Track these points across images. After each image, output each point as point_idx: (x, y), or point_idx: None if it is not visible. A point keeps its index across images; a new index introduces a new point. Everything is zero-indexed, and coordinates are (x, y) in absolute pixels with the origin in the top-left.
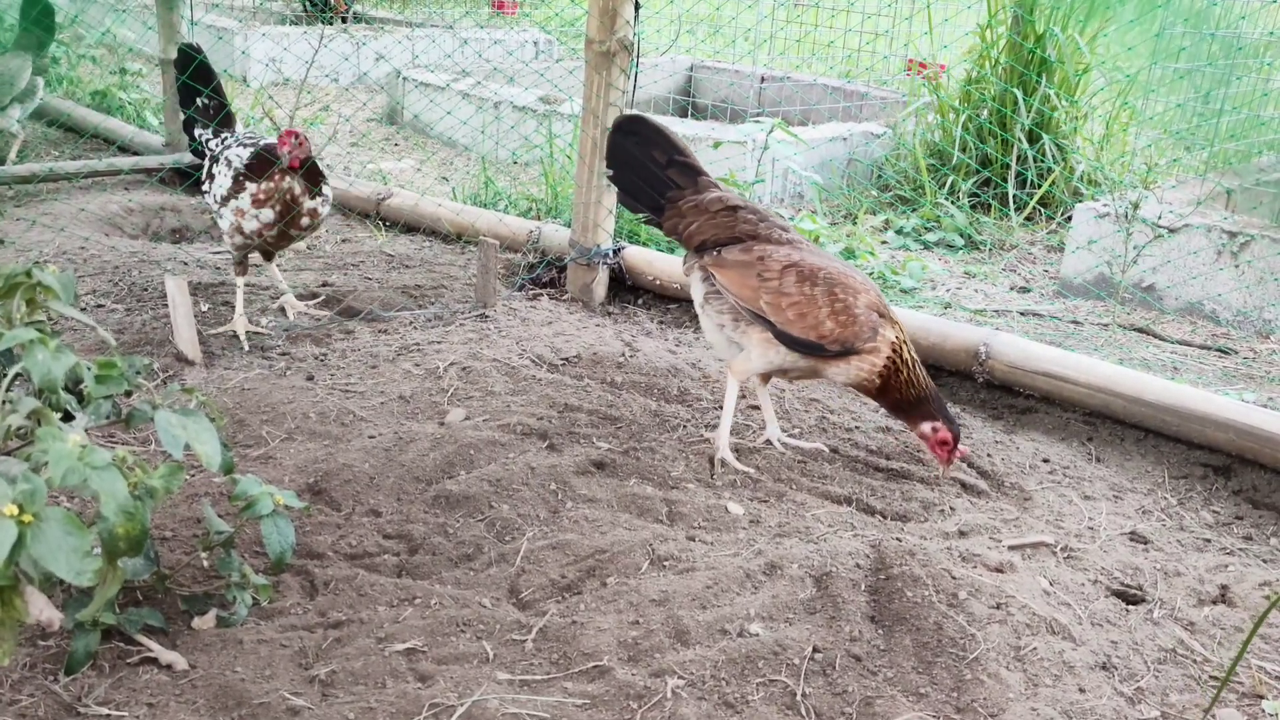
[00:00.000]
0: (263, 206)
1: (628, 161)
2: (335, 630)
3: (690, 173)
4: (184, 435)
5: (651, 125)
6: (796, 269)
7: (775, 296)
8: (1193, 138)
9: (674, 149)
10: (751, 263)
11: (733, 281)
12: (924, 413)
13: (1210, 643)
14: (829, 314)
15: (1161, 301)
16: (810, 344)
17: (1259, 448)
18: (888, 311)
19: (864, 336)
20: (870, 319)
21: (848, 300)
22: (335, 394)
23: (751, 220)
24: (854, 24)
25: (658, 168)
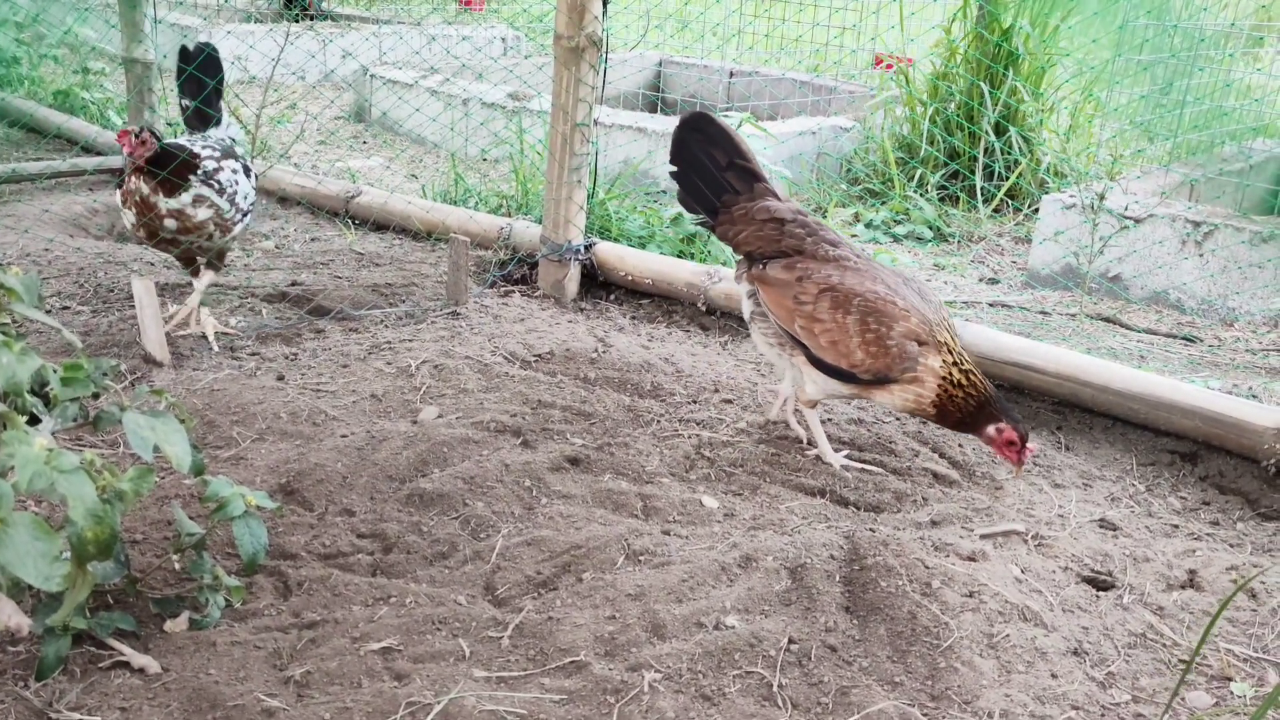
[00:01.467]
0: (125, 206)
1: (689, 160)
2: (310, 631)
3: (748, 177)
4: (153, 437)
5: (717, 124)
6: (832, 294)
7: (809, 321)
8: (1156, 129)
9: (736, 151)
10: (791, 283)
11: (773, 300)
12: (987, 416)
13: (1179, 627)
14: (860, 344)
15: (1128, 291)
16: (843, 372)
17: (1224, 434)
18: (934, 335)
19: (897, 367)
20: (905, 349)
21: (880, 330)
22: (306, 393)
23: (799, 234)
24: (821, 18)
25: (717, 169)
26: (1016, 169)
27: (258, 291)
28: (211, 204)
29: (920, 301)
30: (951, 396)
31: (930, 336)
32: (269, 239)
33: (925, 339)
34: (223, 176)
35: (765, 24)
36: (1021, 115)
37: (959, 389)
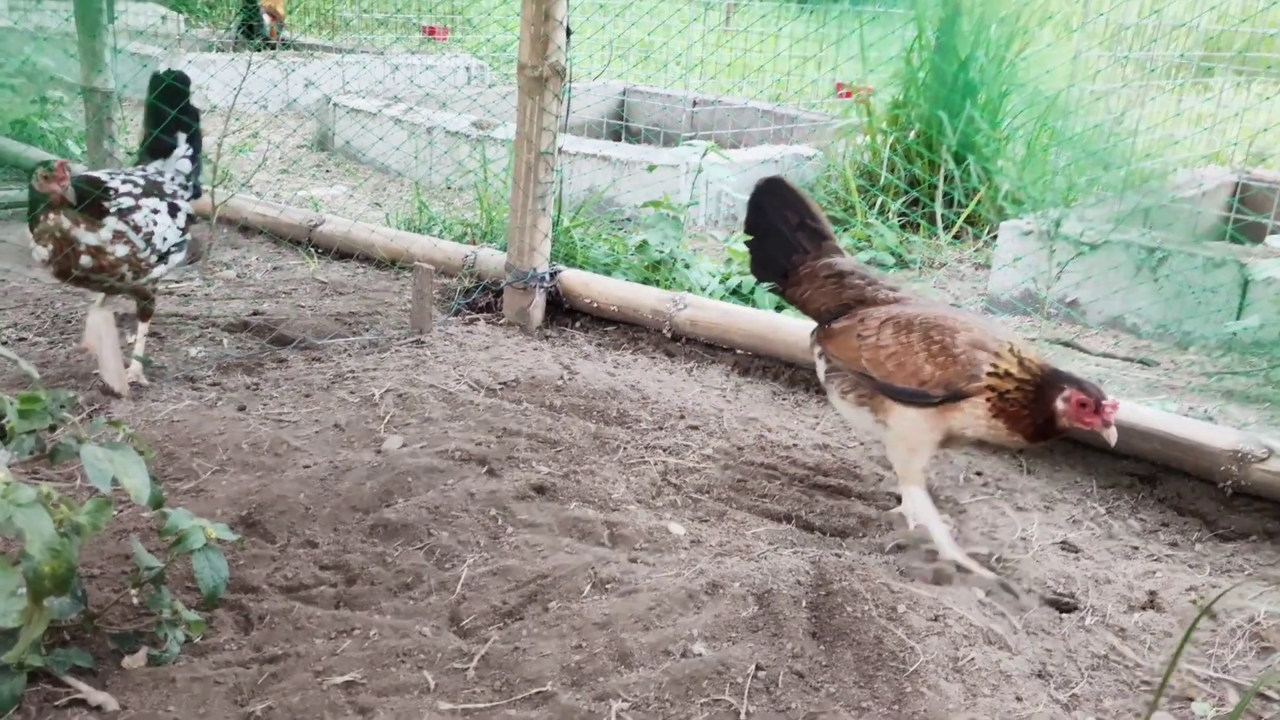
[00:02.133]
0: (38, 242)
1: (764, 226)
2: (271, 665)
3: (816, 237)
4: (111, 469)
5: (787, 186)
6: (894, 321)
7: (874, 351)
8: (1110, 157)
9: (807, 212)
10: (853, 325)
11: (839, 348)
12: (1052, 393)
13: (1141, 648)
14: (926, 358)
15: (1085, 316)
16: (914, 393)
17: (1182, 456)
18: (997, 345)
19: (966, 375)
20: (973, 356)
21: (944, 340)
22: (268, 424)
23: (859, 285)
24: (783, 48)
25: (789, 230)
26: (975, 196)
27: (219, 321)
28: (129, 241)
29: (987, 322)
30: (1004, 394)
31: (995, 343)
32: (230, 268)
33: (990, 346)
34: (138, 216)
35: (727, 54)
36: (979, 144)
37: (1009, 379)
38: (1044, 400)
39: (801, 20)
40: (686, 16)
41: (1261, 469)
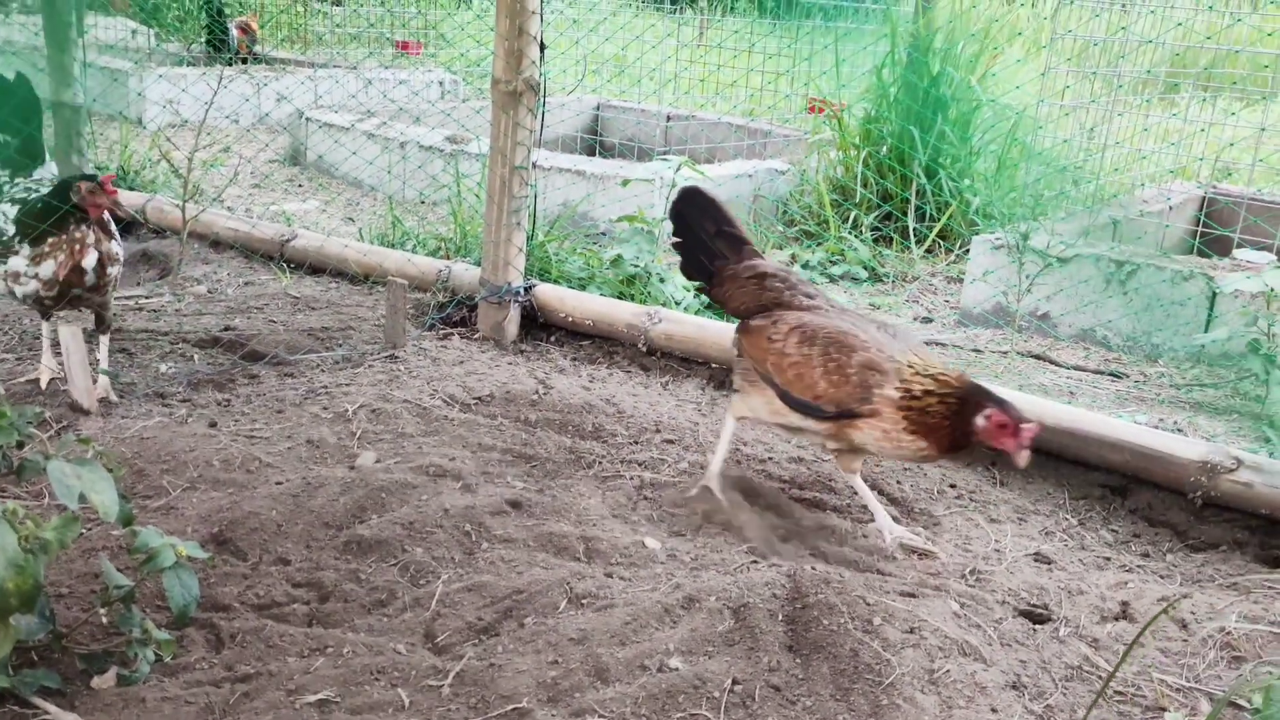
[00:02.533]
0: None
1: (686, 233)
2: (243, 684)
3: (735, 243)
4: (79, 485)
5: (704, 195)
6: (800, 331)
7: (779, 358)
8: (1079, 172)
9: (723, 219)
10: (766, 326)
11: (752, 346)
12: (972, 410)
13: (1114, 658)
14: (823, 374)
15: (1056, 329)
16: (809, 405)
17: (1152, 467)
18: (895, 365)
19: (856, 397)
20: (865, 378)
21: (840, 360)
22: (240, 440)
23: (778, 288)
24: (756, 64)
25: (708, 237)
26: (947, 211)
27: (189, 337)
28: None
29: (888, 339)
30: (923, 409)
31: (893, 366)
32: (201, 283)
33: (886, 369)
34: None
35: (701, 69)
36: (951, 159)
37: (926, 397)
38: (964, 415)
39: (774, 36)
40: (660, 32)
41: (1230, 480)
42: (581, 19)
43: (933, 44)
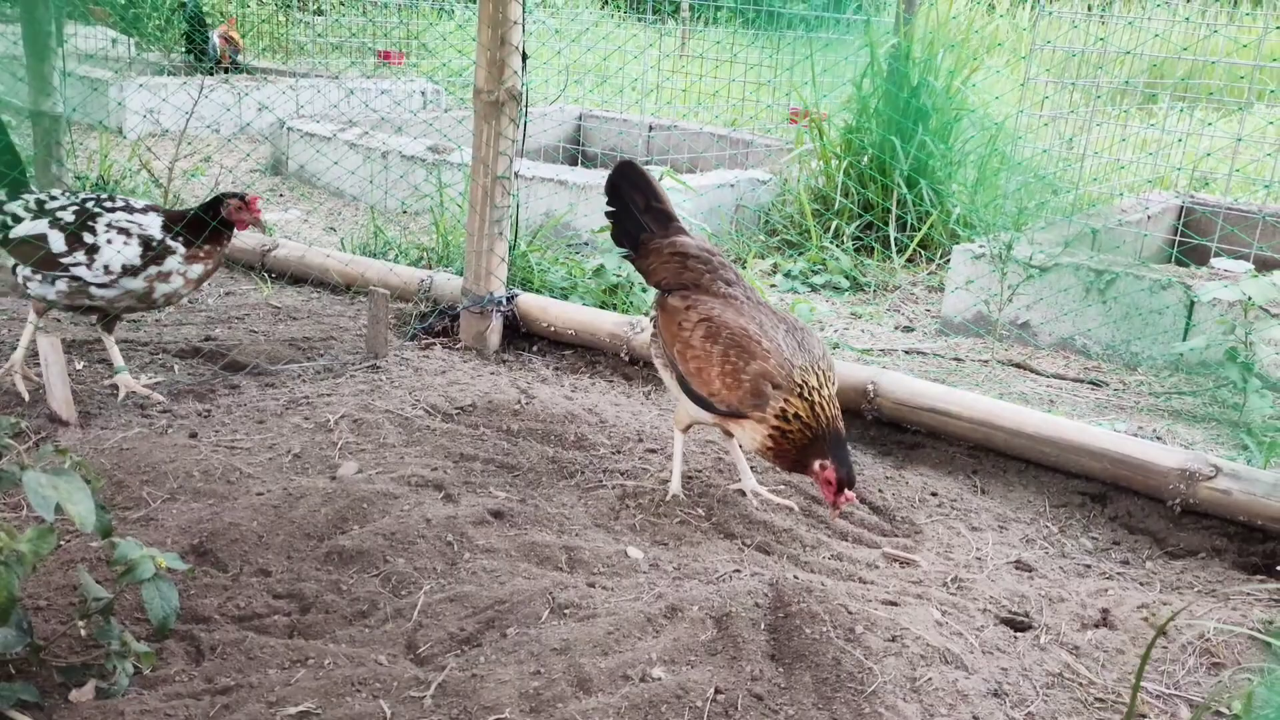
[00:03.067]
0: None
1: (619, 205)
2: (223, 696)
3: (663, 218)
4: (55, 496)
5: (639, 171)
6: (708, 324)
7: (684, 347)
8: (1059, 181)
9: (654, 195)
10: (680, 309)
11: (663, 326)
12: (815, 452)
13: (1094, 665)
14: (719, 373)
15: (1036, 337)
16: (703, 399)
17: (1132, 475)
18: (791, 378)
19: (748, 403)
20: (757, 386)
21: (738, 364)
22: (220, 451)
23: (698, 269)
24: (737, 74)
25: (638, 211)
26: (928, 220)
27: (169, 347)
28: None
29: (791, 346)
30: (785, 433)
31: (787, 380)
32: None
33: (780, 382)
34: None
35: (683, 79)
36: (931, 168)
37: (794, 422)
38: (809, 453)
39: (756, 47)
40: (642, 42)
41: (1209, 487)
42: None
43: (912, 54)
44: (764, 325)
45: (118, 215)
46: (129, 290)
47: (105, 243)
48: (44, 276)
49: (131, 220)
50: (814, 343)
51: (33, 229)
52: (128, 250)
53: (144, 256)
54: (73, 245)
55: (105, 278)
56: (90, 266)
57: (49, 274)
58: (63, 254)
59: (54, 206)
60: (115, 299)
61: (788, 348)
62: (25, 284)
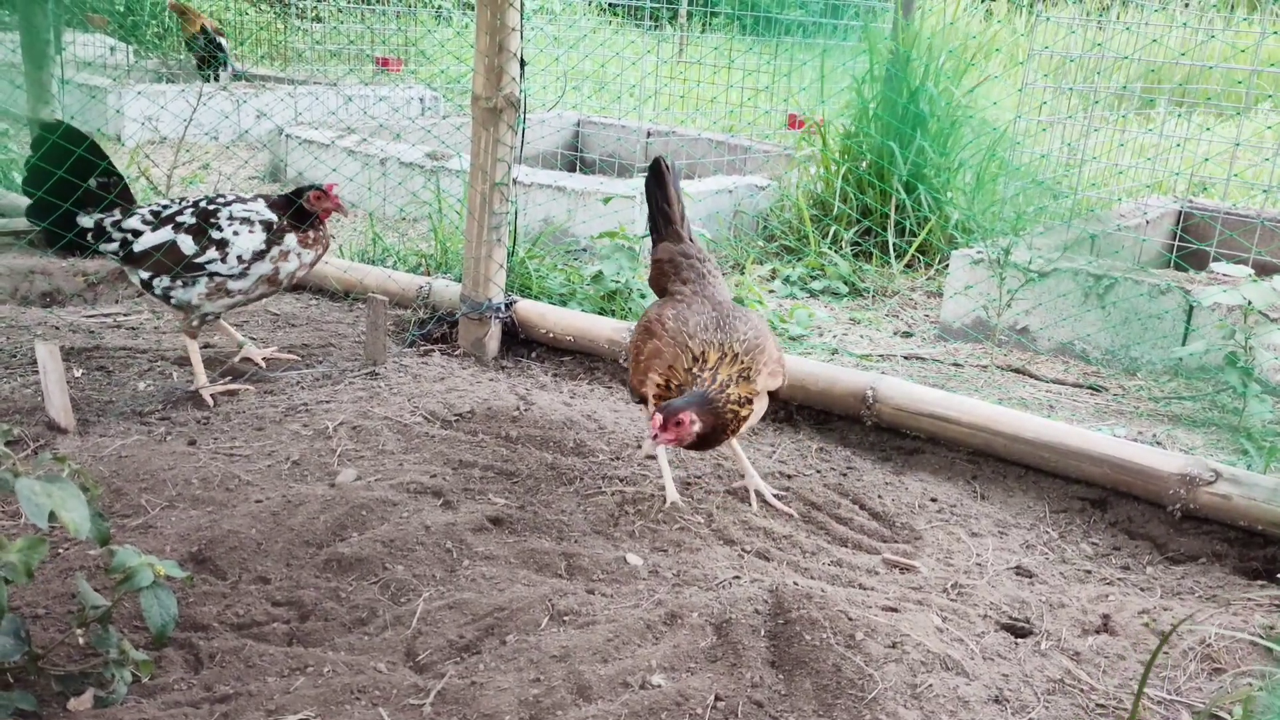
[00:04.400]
0: (307, 247)
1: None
2: (222, 705)
3: (665, 221)
4: (49, 503)
5: (658, 170)
6: (648, 323)
7: (630, 342)
8: (1057, 186)
9: (662, 197)
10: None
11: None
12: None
13: (1095, 671)
14: (633, 363)
15: (1035, 343)
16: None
17: (1132, 480)
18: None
19: (637, 390)
20: (648, 366)
21: (640, 346)
22: (219, 458)
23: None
24: (735, 80)
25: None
26: (926, 225)
27: (168, 354)
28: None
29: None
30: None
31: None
32: None
33: (664, 357)
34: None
35: (681, 85)
36: (930, 174)
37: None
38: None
39: (754, 52)
40: (640, 48)
41: (1209, 492)
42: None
43: (911, 60)
44: (689, 307)
45: (234, 207)
46: (260, 276)
47: (233, 235)
48: (185, 281)
49: (247, 209)
50: (744, 327)
51: (159, 238)
52: (253, 237)
53: (267, 240)
54: (203, 245)
55: (239, 267)
56: (224, 260)
57: (189, 277)
58: (196, 254)
59: (171, 213)
60: (249, 288)
61: (700, 327)
62: (168, 294)
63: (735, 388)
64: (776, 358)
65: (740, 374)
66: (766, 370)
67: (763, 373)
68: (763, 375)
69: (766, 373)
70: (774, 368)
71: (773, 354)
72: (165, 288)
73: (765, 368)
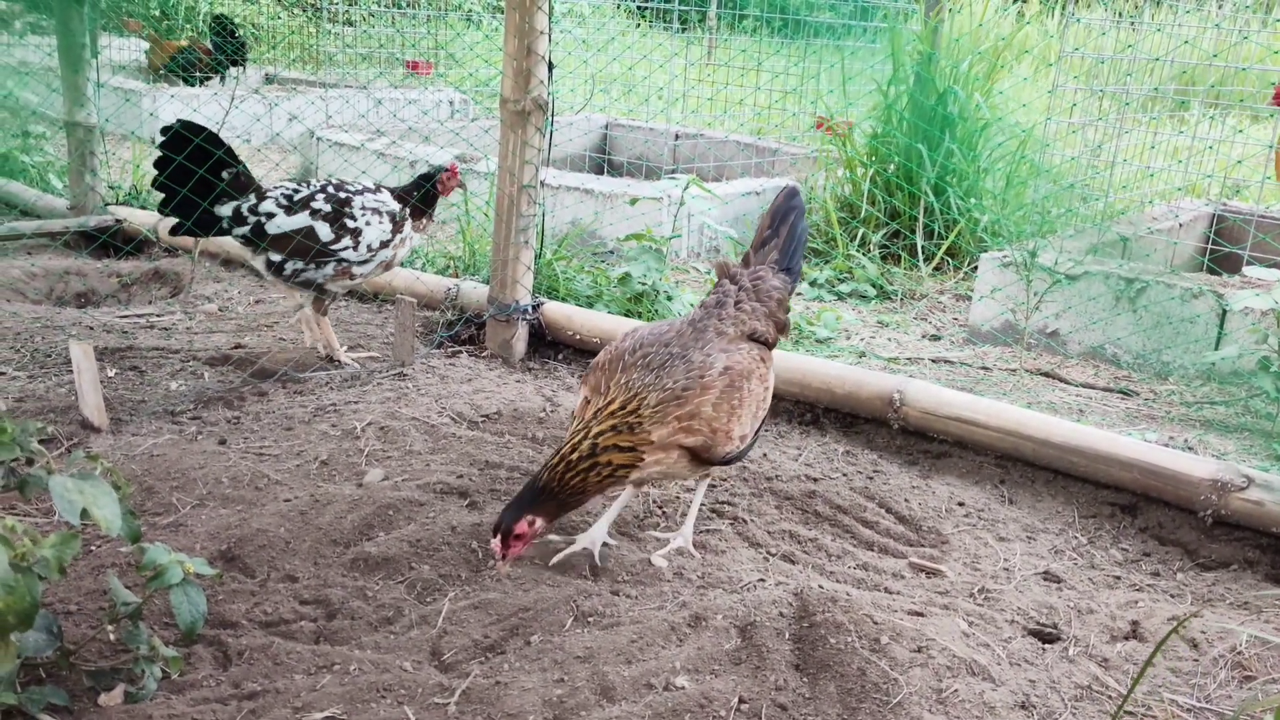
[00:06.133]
0: (418, 231)
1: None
2: (250, 701)
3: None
4: (81, 500)
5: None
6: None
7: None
8: (1087, 189)
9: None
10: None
11: None
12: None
13: (1124, 679)
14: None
15: (1065, 346)
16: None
17: (1163, 486)
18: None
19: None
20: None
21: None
22: (249, 458)
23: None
24: (763, 82)
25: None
26: (955, 228)
27: (200, 354)
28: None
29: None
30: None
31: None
32: (212, 301)
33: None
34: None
35: (709, 88)
36: (958, 176)
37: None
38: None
39: (782, 55)
40: (668, 51)
41: (1241, 498)
42: (590, 39)
43: (939, 62)
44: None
45: (365, 198)
46: (380, 262)
47: (365, 225)
48: (316, 264)
49: (377, 199)
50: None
51: (296, 223)
52: (381, 228)
53: (392, 230)
54: (339, 232)
55: (366, 255)
56: (355, 249)
57: (320, 260)
58: (331, 241)
59: (303, 197)
60: (370, 273)
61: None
62: (297, 275)
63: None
64: (707, 417)
65: (625, 424)
66: (676, 425)
67: (668, 425)
68: (665, 427)
69: (676, 427)
70: (695, 425)
71: (702, 413)
72: (297, 269)
73: (674, 422)
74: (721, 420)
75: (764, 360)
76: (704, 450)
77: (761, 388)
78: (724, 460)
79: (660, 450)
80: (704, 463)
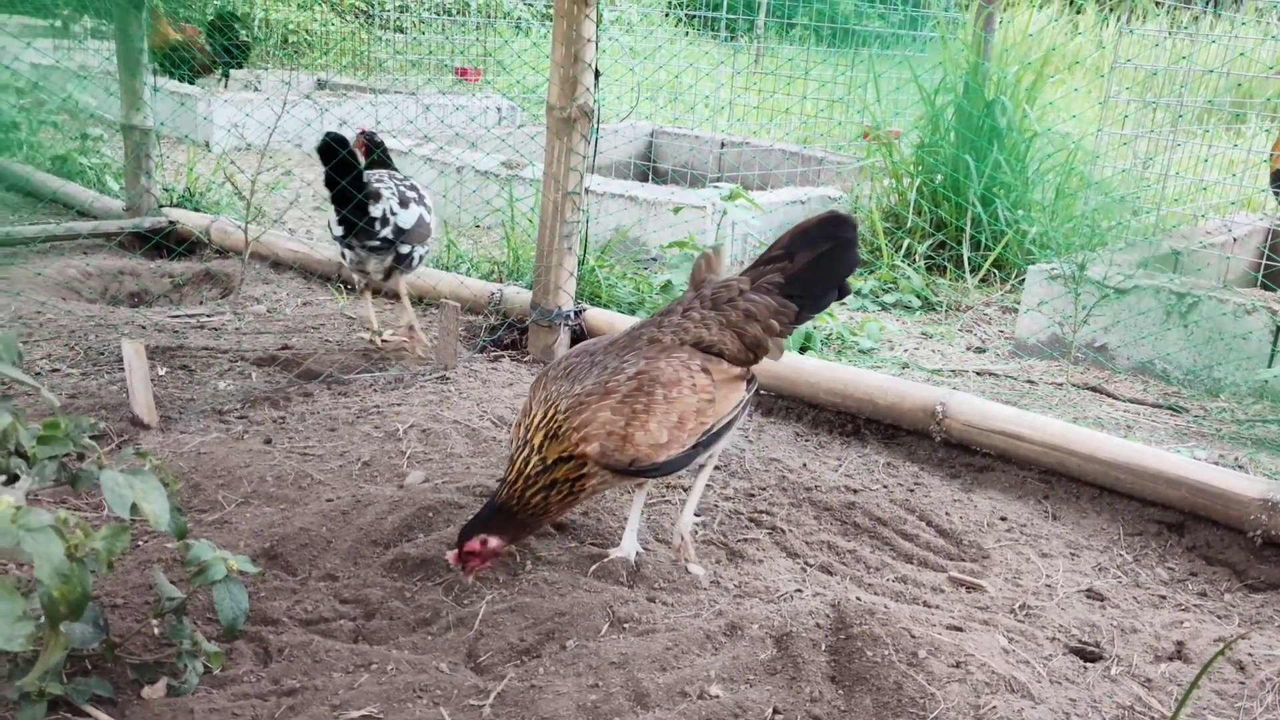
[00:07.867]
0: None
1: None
2: (289, 698)
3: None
4: (131, 495)
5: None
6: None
7: None
8: (1138, 202)
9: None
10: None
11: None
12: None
13: (1167, 700)
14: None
15: (1114, 361)
16: None
17: (1211, 504)
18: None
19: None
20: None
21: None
22: (293, 457)
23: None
24: (810, 91)
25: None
26: (1002, 240)
27: (248, 355)
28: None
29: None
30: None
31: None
32: (261, 303)
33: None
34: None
35: (755, 96)
36: (1006, 187)
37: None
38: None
39: (829, 64)
40: (714, 59)
41: None
42: (637, 46)
43: (987, 71)
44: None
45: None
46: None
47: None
48: (427, 246)
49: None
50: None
51: (413, 216)
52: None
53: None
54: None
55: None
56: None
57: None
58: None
59: (399, 192)
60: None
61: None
62: (421, 259)
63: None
64: (603, 421)
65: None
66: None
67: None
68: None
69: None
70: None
71: (598, 418)
72: (422, 254)
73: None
74: (619, 425)
75: (706, 370)
76: (600, 457)
77: (696, 397)
78: (634, 471)
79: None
80: (618, 473)
